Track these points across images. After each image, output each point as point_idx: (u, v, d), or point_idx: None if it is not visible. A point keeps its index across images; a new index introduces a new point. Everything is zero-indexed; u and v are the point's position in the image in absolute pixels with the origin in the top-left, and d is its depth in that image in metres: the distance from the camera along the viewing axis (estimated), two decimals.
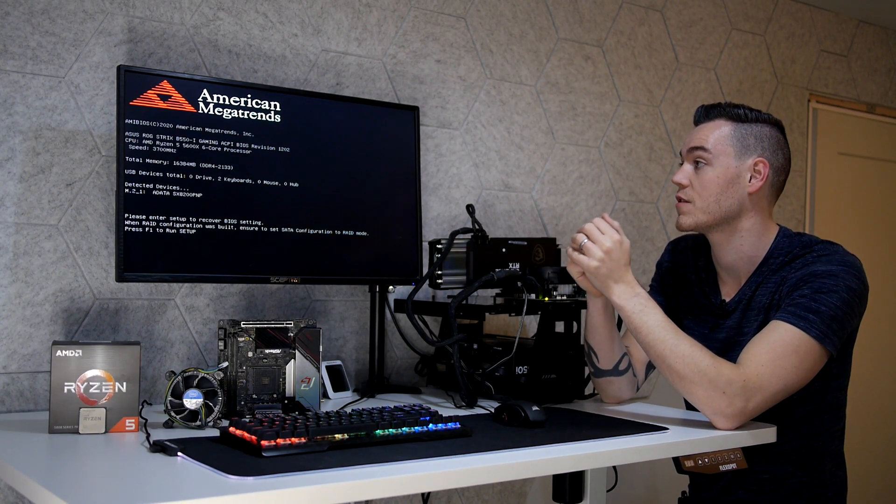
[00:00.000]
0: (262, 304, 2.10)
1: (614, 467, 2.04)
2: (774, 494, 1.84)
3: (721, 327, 1.88)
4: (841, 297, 1.70)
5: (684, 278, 2.00)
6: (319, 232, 1.97)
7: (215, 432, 1.56)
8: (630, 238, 2.78)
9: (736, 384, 1.64)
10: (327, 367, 2.07)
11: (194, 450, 1.41)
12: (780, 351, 1.66)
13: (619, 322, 1.91)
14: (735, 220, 1.83)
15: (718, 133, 1.83)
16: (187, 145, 1.81)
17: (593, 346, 1.89)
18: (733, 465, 1.78)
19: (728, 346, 1.84)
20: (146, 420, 1.60)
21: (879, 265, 3.56)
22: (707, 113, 1.88)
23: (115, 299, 1.92)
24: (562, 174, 2.67)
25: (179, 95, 1.81)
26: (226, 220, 1.85)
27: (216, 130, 1.85)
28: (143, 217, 1.75)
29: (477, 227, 2.10)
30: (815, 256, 1.78)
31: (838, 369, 1.83)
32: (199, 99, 1.84)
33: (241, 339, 1.75)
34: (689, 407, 1.96)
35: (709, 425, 1.71)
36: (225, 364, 1.72)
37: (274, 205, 1.91)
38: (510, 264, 2.11)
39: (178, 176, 1.80)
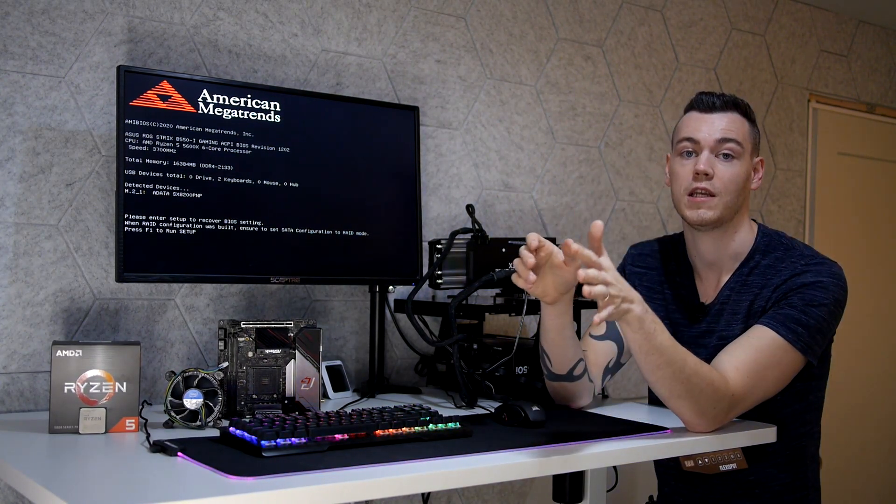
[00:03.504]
0: (262, 304, 2.10)
1: (614, 467, 2.03)
2: (757, 498, 1.83)
3: (697, 326, 1.86)
4: (829, 310, 1.71)
5: (649, 287, 1.93)
6: (319, 232, 1.97)
7: (215, 432, 1.56)
8: (629, 238, 2.79)
9: (723, 403, 1.64)
10: (327, 367, 2.07)
11: (194, 450, 1.41)
12: (764, 362, 1.67)
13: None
14: (735, 217, 1.82)
15: (742, 127, 1.78)
16: (187, 145, 1.81)
17: (546, 350, 1.80)
18: (733, 465, 1.78)
19: (703, 342, 1.82)
20: (146, 420, 1.60)
21: (879, 265, 3.56)
22: (725, 105, 1.78)
23: (115, 299, 1.92)
24: (562, 174, 2.67)
25: (179, 96, 1.81)
26: (226, 221, 1.85)
27: (216, 130, 1.85)
28: (143, 217, 1.75)
29: (477, 227, 2.10)
30: (805, 265, 1.75)
31: (821, 370, 1.84)
32: (199, 99, 1.84)
33: (241, 339, 1.75)
34: None
35: None
36: (225, 364, 1.72)
37: (274, 205, 1.91)
38: (510, 264, 2.11)
39: (177, 176, 1.80)
